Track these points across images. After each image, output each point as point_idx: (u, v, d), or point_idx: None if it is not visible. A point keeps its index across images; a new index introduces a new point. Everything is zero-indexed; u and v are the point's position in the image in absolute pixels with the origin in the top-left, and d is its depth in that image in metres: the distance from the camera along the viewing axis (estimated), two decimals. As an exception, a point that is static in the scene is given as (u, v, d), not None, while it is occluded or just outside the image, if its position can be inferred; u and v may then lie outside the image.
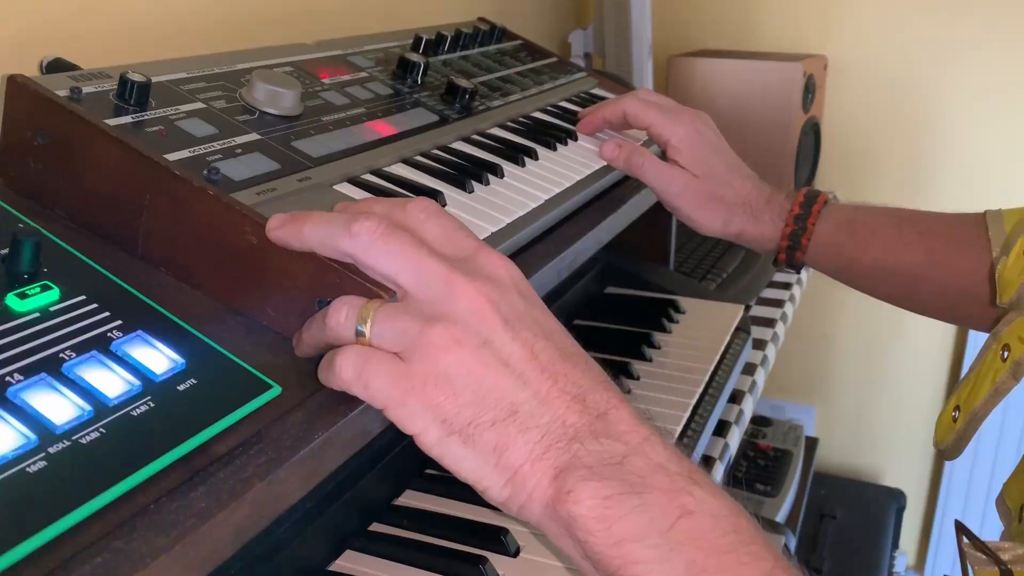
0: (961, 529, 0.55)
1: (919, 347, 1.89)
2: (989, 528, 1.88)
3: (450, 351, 0.43)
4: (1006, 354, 0.65)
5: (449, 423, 0.43)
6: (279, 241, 0.50)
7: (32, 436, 0.37)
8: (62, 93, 0.55)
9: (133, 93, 0.57)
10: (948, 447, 0.70)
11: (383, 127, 0.71)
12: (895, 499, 1.83)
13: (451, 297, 0.45)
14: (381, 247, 0.46)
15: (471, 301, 0.45)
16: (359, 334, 0.45)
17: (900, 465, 1.98)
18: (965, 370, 1.82)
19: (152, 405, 0.41)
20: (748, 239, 0.89)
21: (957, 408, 0.69)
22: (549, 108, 0.94)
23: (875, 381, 1.96)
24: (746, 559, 0.40)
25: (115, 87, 0.58)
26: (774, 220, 0.88)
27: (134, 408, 0.41)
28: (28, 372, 0.40)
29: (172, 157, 0.54)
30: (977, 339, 1.79)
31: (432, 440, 0.44)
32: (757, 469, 1.56)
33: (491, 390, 0.43)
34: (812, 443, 1.75)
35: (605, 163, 0.85)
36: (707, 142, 0.88)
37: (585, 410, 0.44)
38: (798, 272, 0.91)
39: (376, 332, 0.45)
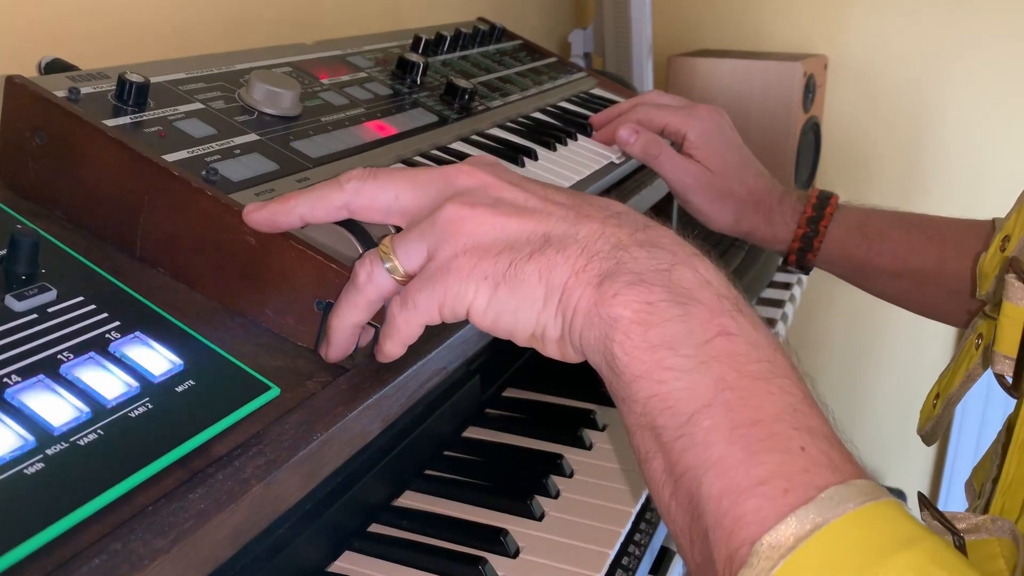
0: (923, 501, 0.55)
1: (918, 347, 1.89)
2: (989, 528, 1.88)
3: (467, 218, 0.43)
4: (979, 341, 0.66)
5: (491, 277, 0.43)
6: (263, 221, 0.50)
7: (30, 438, 0.37)
8: (60, 94, 0.55)
9: (131, 94, 0.57)
10: (927, 433, 0.71)
11: (382, 127, 0.71)
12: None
13: (451, 184, 0.45)
14: (371, 184, 0.47)
15: (471, 177, 0.45)
16: (390, 271, 0.46)
17: (900, 465, 1.98)
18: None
19: (150, 406, 0.41)
20: (759, 238, 0.90)
21: (937, 396, 0.71)
22: (549, 108, 0.94)
23: (874, 381, 1.96)
24: (775, 389, 0.39)
25: (113, 88, 0.58)
26: (786, 221, 0.88)
27: (132, 409, 0.41)
28: (26, 373, 0.40)
29: (171, 158, 0.54)
30: (977, 339, 1.79)
31: (483, 304, 0.43)
32: (757, 469, 1.56)
33: (519, 232, 0.43)
34: (812, 443, 1.75)
35: (605, 163, 0.85)
36: (724, 137, 0.88)
37: (623, 224, 0.43)
38: (807, 273, 0.91)
39: (402, 254, 0.45)
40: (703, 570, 0.37)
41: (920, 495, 0.57)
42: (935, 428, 0.70)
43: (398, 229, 0.47)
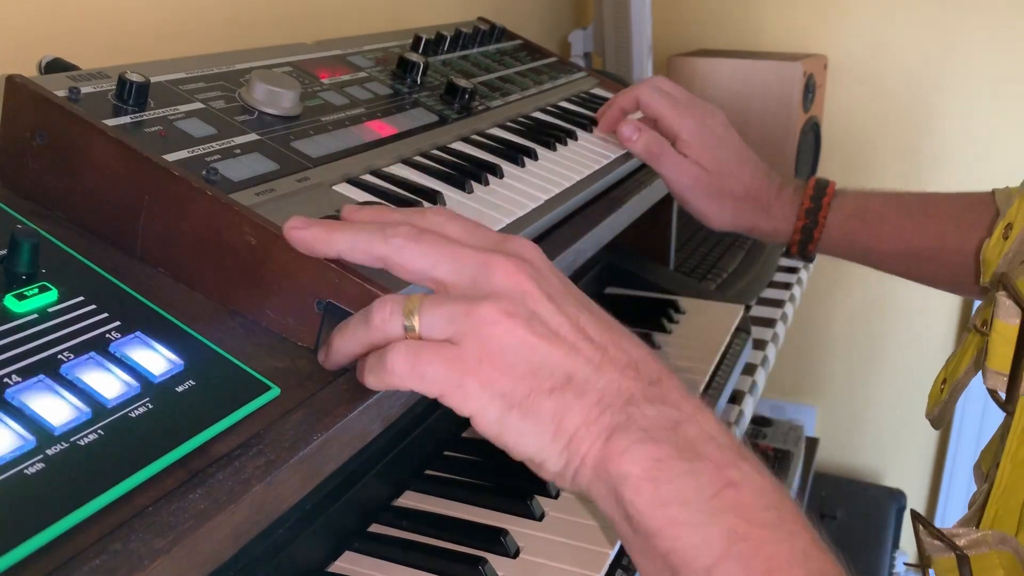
0: (917, 519, 0.56)
1: (919, 346, 1.89)
2: (989, 528, 1.88)
3: (500, 325, 0.43)
4: (986, 328, 0.66)
5: (508, 397, 0.43)
6: (301, 242, 0.49)
7: (30, 438, 0.37)
8: (61, 93, 0.55)
9: (132, 93, 0.57)
10: (935, 417, 0.73)
11: (382, 127, 0.71)
12: (895, 499, 1.83)
13: (490, 276, 0.45)
14: (413, 247, 0.47)
15: (510, 276, 0.45)
16: (407, 329, 0.45)
17: (900, 465, 1.98)
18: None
19: (151, 406, 0.41)
20: (759, 233, 0.90)
21: (944, 381, 0.72)
22: (549, 108, 0.94)
23: (875, 381, 1.96)
24: (784, 536, 0.41)
25: (114, 87, 0.58)
26: (785, 213, 0.89)
27: (132, 409, 0.40)
28: (26, 373, 0.40)
29: (171, 157, 0.54)
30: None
31: (492, 418, 0.44)
32: (757, 469, 1.56)
33: (545, 360, 0.44)
34: (812, 443, 1.75)
35: (605, 163, 0.85)
36: (717, 136, 0.88)
37: (639, 376, 0.45)
38: (810, 261, 0.92)
39: (425, 322, 0.45)
40: None
41: (914, 513, 0.58)
42: (942, 413, 0.72)
43: None
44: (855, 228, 0.88)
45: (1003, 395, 0.58)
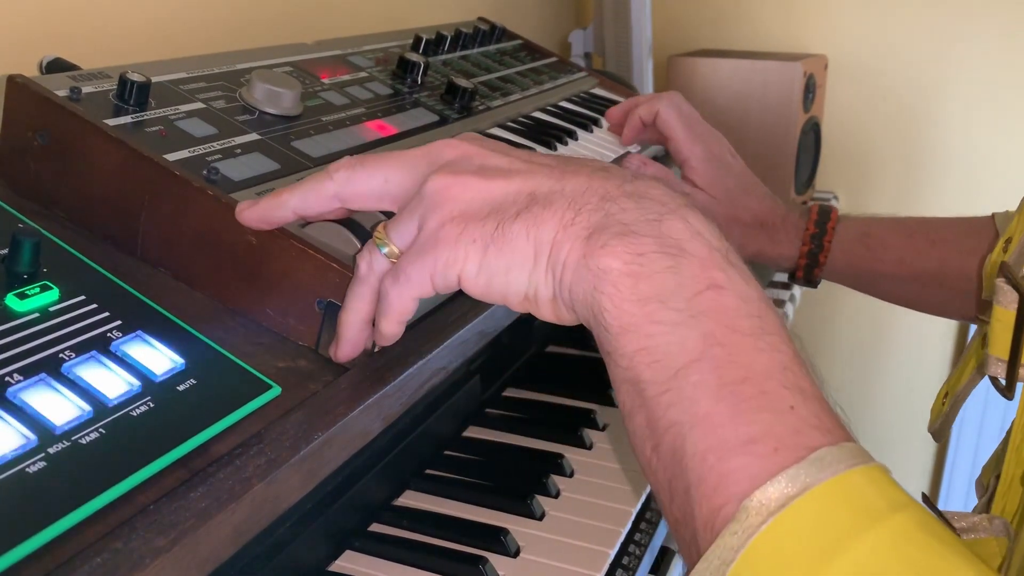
0: (925, 501, 0.56)
1: (918, 347, 1.89)
2: (989, 528, 1.88)
3: (451, 185, 0.43)
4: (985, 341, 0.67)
5: (479, 240, 0.42)
6: (256, 218, 0.50)
7: (32, 436, 0.37)
8: (62, 93, 0.55)
9: (133, 93, 0.57)
10: (936, 430, 0.72)
11: (383, 127, 0.71)
12: (895, 499, 1.82)
13: (438, 158, 0.45)
14: (360, 170, 0.47)
15: (455, 149, 0.46)
16: (388, 256, 0.46)
17: (900, 466, 1.98)
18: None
19: (152, 405, 0.41)
20: (765, 259, 0.92)
21: (946, 394, 0.71)
22: (549, 108, 0.94)
23: (874, 381, 1.96)
24: (764, 346, 0.38)
25: (115, 87, 0.58)
26: (791, 239, 0.90)
27: (134, 408, 0.41)
28: (28, 372, 0.40)
29: (172, 157, 0.54)
30: (977, 339, 1.79)
31: (474, 270, 0.43)
32: (757, 469, 1.56)
33: (504, 193, 0.43)
34: (812, 443, 1.75)
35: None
36: (724, 164, 0.89)
37: (609, 176, 0.43)
38: (814, 287, 0.93)
39: (395, 236, 0.45)
40: (681, 526, 0.37)
41: (923, 495, 0.57)
42: (943, 426, 0.72)
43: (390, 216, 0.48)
44: (859, 253, 0.89)
45: (1003, 381, 0.58)
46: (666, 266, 0.39)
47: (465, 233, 0.43)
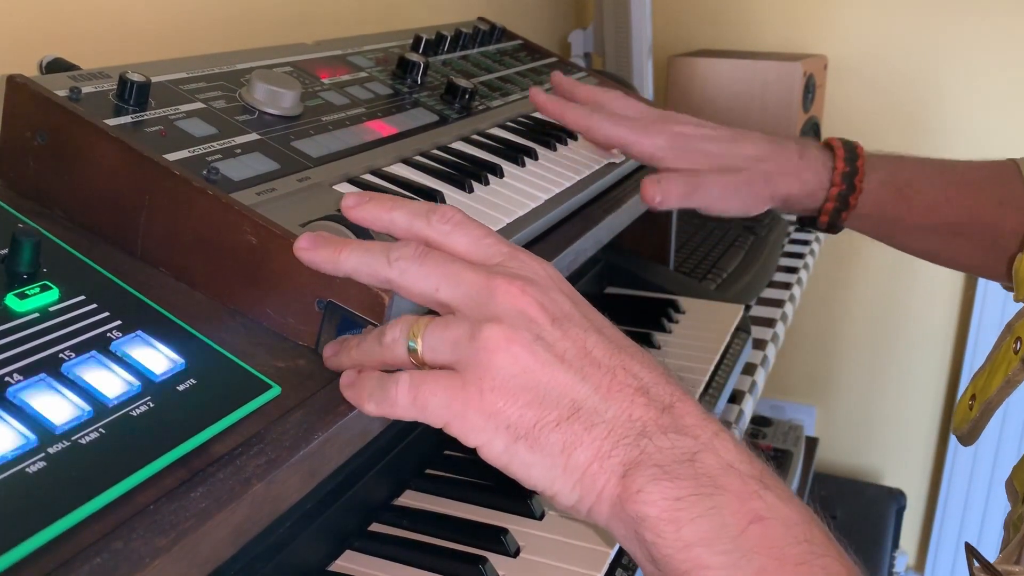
0: (971, 552, 0.53)
1: (919, 347, 1.89)
2: (990, 527, 1.88)
3: (503, 351, 0.42)
4: (1018, 346, 0.64)
5: (514, 428, 0.42)
6: (310, 262, 0.49)
7: (32, 436, 0.37)
8: (62, 93, 0.55)
9: (133, 93, 0.57)
10: (964, 434, 0.69)
11: (383, 127, 0.71)
12: (895, 499, 1.83)
13: (494, 300, 0.44)
14: (416, 270, 0.46)
15: (515, 300, 0.44)
16: (411, 350, 0.45)
17: (900, 465, 1.98)
18: (966, 370, 1.82)
19: (152, 405, 0.41)
20: (794, 202, 0.82)
21: (973, 397, 0.68)
22: (549, 108, 0.94)
23: (875, 381, 1.96)
24: (819, 571, 0.39)
25: (115, 87, 0.58)
26: (819, 177, 0.80)
27: (134, 408, 0.41)
28: (28, 372, 0.40)
29: (172, 157, 0.54)
30: (979, 337, 1.79)
31: (499, 449, 0.43)
32: (757, 469, 1.56)
33: (551, 388, 0.42)
34: (812, 443, 1.75)
35: (605, 163, 0.85)
36: (688, 136, 0.79)
37: (650, 403, 0.43)
38: (835, 232, 0.84)
39: (428, 345, 0.44)
40: None
41: (968, 546, 0.54)
42: (973, 430, 0.69)
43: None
44: (888, 197, 0.80)
45: None
46: (706, 508, 0.40)
47: (502, 415, 0.42)
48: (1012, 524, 0.63)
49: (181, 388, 0.43)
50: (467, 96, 0.81)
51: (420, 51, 0.89)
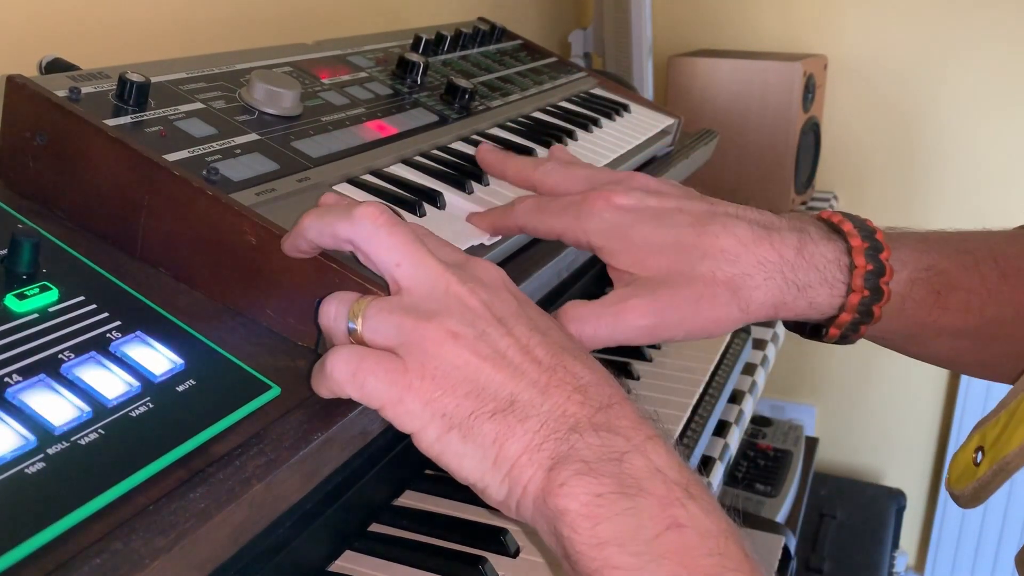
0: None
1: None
2: (990, 527, 1.88)
3: (446, 344, 0.43)
4: None
5: (449, 417, 0.43)
6: (290, 250, 0.49)
7: (31, 437, 0.37)
8: (61, 93, 0.55)
9: (132, 93, 0.57)
10: (966, 495, 0.53)
11: (383, 127, 0.71)
12: (895, 499, 1.82)
13: (446, 295, 0.45)
14: (384, 236, 0.46)
15: (465, 299, 0.45)
16: (350, 331, 0.45)
17: (900, 465, 1.98)
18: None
19: (151, 406, 0.41)
20: (787, 312, 0.56)
21: (980, 449, 0.53)
22: (549, 108, 0.94)
23: (875, 381, 1.96)
24: None
25: (114, 87, 0.58)
26: (827, 281, 0.55)
27: (133, 409, 0.41)
28: (27, 373, 0.40)
29: (171, 157, 0.54)
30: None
31: (431, 438, 0.43)
32: (757, 469, 1.56)
33: (490, 381, 0.43)
34: (812, 443, 1.75)
35: (605, 163, 0.85)
36: (633, 221, 0.56)
37: (586, 401, 0.43)
38: (842, 344, 0.60)
39: (369, 327, 0.45)
40: None
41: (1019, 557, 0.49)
42: (979, 492, 0.52)
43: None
44: (919, 299, 0.58)
45: None
46: (625, 507, 0.40)
47: (438, 403, 0.43)
48: None
49: (181, 388, 0.43)
50: (467, 96, 0.81)
51: (420, 51, 0.89)
